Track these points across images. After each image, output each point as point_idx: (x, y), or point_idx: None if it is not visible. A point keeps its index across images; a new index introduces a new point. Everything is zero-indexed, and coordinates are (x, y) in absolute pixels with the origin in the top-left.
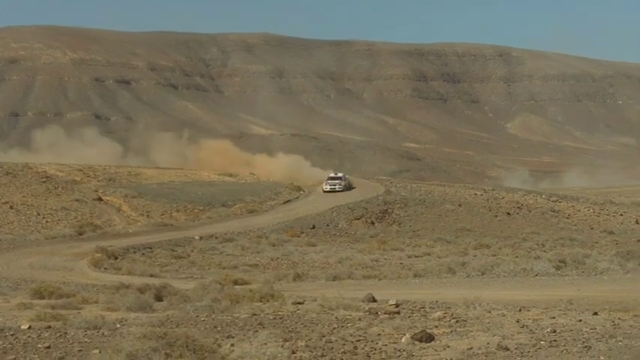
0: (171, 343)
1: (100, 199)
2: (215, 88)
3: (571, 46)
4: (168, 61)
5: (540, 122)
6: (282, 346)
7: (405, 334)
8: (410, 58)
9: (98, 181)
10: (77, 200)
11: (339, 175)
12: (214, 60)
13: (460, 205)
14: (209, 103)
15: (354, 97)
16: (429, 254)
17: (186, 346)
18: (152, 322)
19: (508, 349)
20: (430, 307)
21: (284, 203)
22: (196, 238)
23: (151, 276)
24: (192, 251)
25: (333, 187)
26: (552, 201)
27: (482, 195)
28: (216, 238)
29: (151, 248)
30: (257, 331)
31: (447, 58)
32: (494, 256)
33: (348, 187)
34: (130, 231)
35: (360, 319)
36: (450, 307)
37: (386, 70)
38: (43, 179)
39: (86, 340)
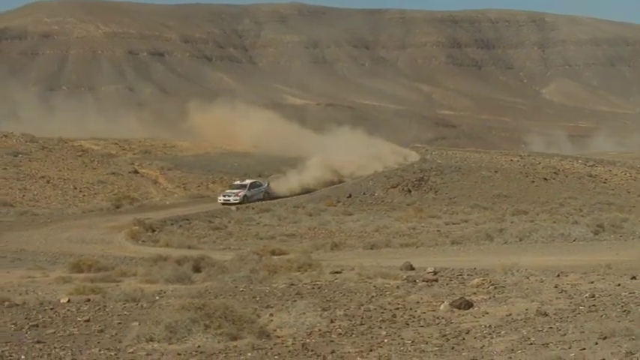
0: (209, 314)
1: (136, 171)
2: (249, 59)
3: (604, 11)
4: (201, 33)
5: (575, 87)
6: (320, 316)
7: (443, 302)
8: (443, 25)
9: (134, 154)
10: (113, 173)
11: (246, 182)
12: (247, 31)
13: (496, 172)
14: (243, 74)
15: (388, 65)
16: (466, 221)
17: (225, 317)
18: (190, 293)
19: (547, 315)
20: (468, 274)
21: None
22: (233, 209)
23: (189, 248)
24: (229, 222)
25: (227, 198)
26: (589, 165)
27: (518, 161)
28: (253, 208)
29: (188, 220)
30: (295, 300)
31: (480, 24)
32: (531, 222)
33: (262, 197)
34: (167, 203)
35: (398, 288)
36: (488, 274)
37: (419, 37)
38: (79, 153)
39: (125, 312)
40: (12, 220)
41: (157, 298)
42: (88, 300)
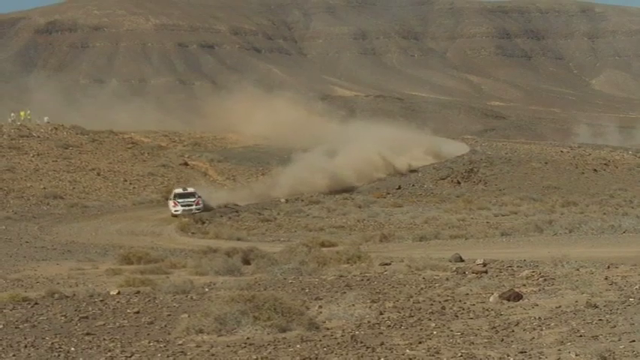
0: (259, 306)
1: (186, 164)
2: (298, 50)
3: None
4: (250, 25)
5: (625, 78)
6: (369, 307)
7: (492, 294)
8: (493, 15)
9: (184, 146)
10: (163, 166)
11: (190, 190)
12: (296, 22)
13: (546, 163)
14: (292, 65)
15: (437, 56)
16: (515, 213)
17: (274, 309)
18: (240, 285)
19: (597, 307)
20: (518, 266)
21: None
22: (282, 200)
23: (238, 240)
24: (278, 214)
25: (189, 208)
26: (639, 157)
27: (568, 152)
28: (302, 200)
29: (237, 212)
30: (345, 292)
31: (529, 15)
32: (581, 213)
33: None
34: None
35: (447, 279)
36: (537, 266)
37: (469, 28)
38: (129, 145)
39: (175, 304)
40: (62, 213)
41: (207, 290)
42: (138, 292)
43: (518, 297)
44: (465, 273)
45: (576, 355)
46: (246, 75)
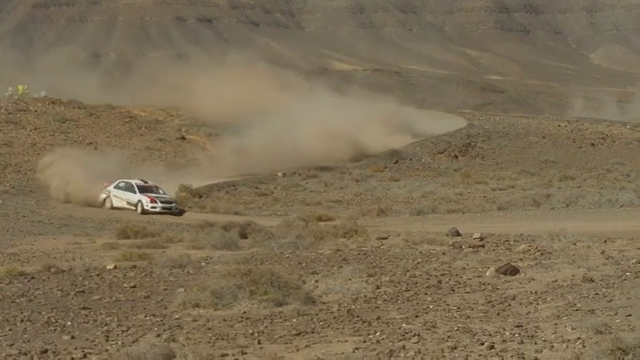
0: (255, 280)
1: (183, 138)
2: (296, 24)
3: None
4: None
5: (624, 52)
6: (366, 282)
7: (489, 268)
8: None
9: (181, 120)
10: (161, 140)
11: (150, 183)
12: None
13: (544, 137)
14: (290, 39)
15: (435, 30)
16: (513, 187)
17: (271, 283)
18: (237, 259)
19: (593, 281)
20: (515, 240)
21: None
22: (279, 175)
23: (236, 214)
24: (275, 188)
25: (168, 205)
26: (637, 131)
27: (566, 126)
28: (299, 174)
29: (234, 186)
30: (341, 266)
31: None
32: (578, 187)
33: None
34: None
35: (444, 254)
36: (534, 240)
37: (467, 2)
38: (127, 119)
39: (171, 278)
40: None
41: (203, 264)
42: (135, 266)
43: (514, 271)
44: (461, 247)
45: (572, 329)
46: (244, 49)
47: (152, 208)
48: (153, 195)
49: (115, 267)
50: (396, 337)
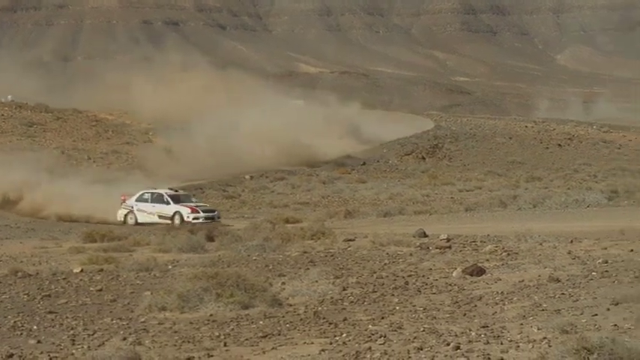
0: (222, 283)
1: (150, 141)
2: (263, 27)
3: None
4: (215, 2)
5: (590, 53)
6: (333, 283)
7: (456, 269)
8: None
9: (148, 124)
10: (127, 143)
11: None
12: None
13: (511, 138)
14: (257, 42)
15: (402, 32)
16: (480, 188)
17: (237, 286)
18: (203, 262)
19: (559, 281)
20: (481, 241)
21: None
22: (247, 177)
23: None
24: (242, 191)
25: (210, 214)
26: (603, 131)
27: (532, 127)
28: (267, 177)
29: (202, 189)
30: (308, 268)
31: None
32: (545, 188)
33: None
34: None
35: (411, 255)
36: (501, 241)
37: (434, 4)
38: (93, 123)
39: (138, 282)
40: None
41: (170, 267)
42: (101, 270)
43: (481, 272)
44: (428, 248)
45: (538, 329)
46: (211, 52)
47: (194, 219)
48: (191, 204)
49: (82, 271)
50: (362, 338)
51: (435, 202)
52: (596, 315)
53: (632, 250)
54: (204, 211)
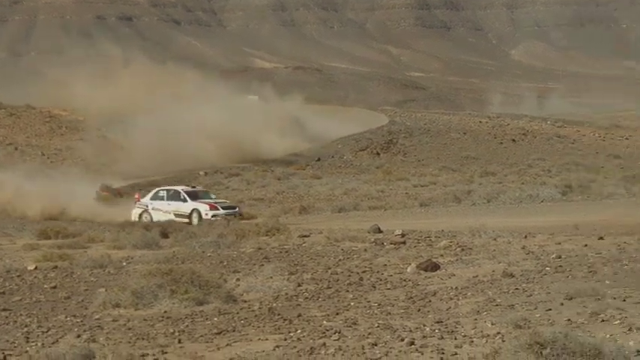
0: (176, 280)
1: (104, 137)
2: (218, 22)
3: None
4: None
5: (544, 48)
6: (287, 280)
7: (410, 264)
8: None
9: (102, 120)
10: (81, 139)
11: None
12: None
13: (465, 133)
14: (212, 38)
15: (357, 27)
16: (434, 183)
17: (192, 282)
18: (158, 259)
19: (513, 276)
20: (436, 237)
21: None
22: (201, 173)
23: None
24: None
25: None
26: (557, 126)
27: (487, 122)
28: (222, 172)
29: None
30: (263, 265)
31: None
32: (499, 183)
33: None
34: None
35: (365, 251)
36: (455, 236)
37: None
38: (47, 119)
39: (92, 279)
40: None
41: (125, 264)
42: (56, 267)
43: (435, 267)
44: (383, 244)
45: (492, 325)
46: (166, 47)
47: (213, 216)
48: (210, 201)
49: (36, 268)
50: (316, 334)
51: (389, 197)
52: (550, 310)
53: (585, 245)
54: (223, 208)
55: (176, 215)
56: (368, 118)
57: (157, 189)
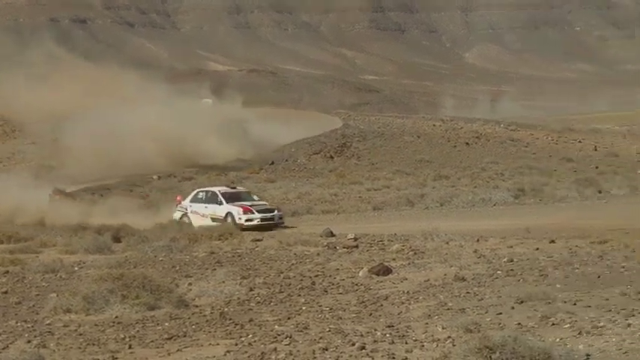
0: (127, 285)
1: (55, 140)
2: (172, 25)
3: None
4: None
5: (498, 51)
6: (239, 284)
7: (362, 268)
8: None
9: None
10: (34, 143)
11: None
12: None
13: (419, 137)
14: (166, 40)
15: (311, 30)
16: (387, 187)
17: (143, 287)
18: (110, 263)
19: (465, 280)
20: (388, 240)
21: None
22: (155, 177)
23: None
24: (150, 191)
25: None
26: (511, 129)
27: (440, 125)
28: (175, 177)
29: (108, 189)
30: (215, 269)
31: None
32: (453, 187)
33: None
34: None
35: (318, 255)
36: (408, 240)
37: (342, 2)
38: (0, 122)
39: (44, 284)
40: None
41: (76, 268)
42: (7, 272)
43: (387, 271)
44: (335, 248)
45: (443, 329)
46: (120, 50)
47: (247, 221)
48: (246, 203)
49: None
50: (268, 339)
51: (343, 201)
52: (501, 313)
53: (537, 249)
54: (259, 211)
55: (213, 219)
56: (322, 121)
57: (197, 190)
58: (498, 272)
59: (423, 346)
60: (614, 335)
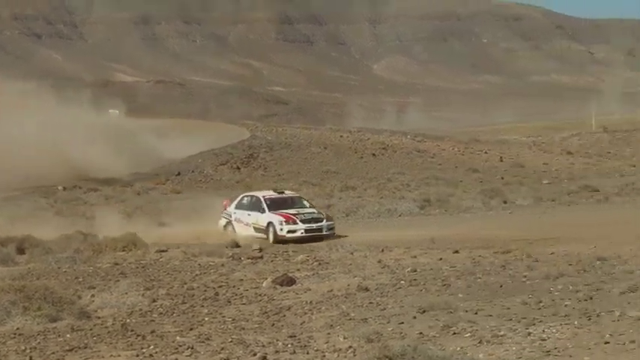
0: (29, 296)
1: None
2: (79, 36)
3: None
4: (31, 10)
5: (406, 63)
6: (142, 295)
7: (266, 279)
8: (274, 0)
9: None
10: None
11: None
12: (77, 7)
13: (326, 148)
14: (73, 51)
15: (219, 41)
16: None
17: (45, 299)
18: (13, 275)
19: (368, 290)
20: (293, 251)
21: None
22: (60, 188)
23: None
24: (55, 202)
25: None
26: (417, 141)
27: (348, 137)
28: (80, 188)
29: (15, 200)
30: (118, 280)
31: (310, 0)
32: (359, 197)
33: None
34: None
35: (222, 265)
36: (313, 250)
37: (250, 13)
38: None
39: None
40: None
41: None
42: None
43: (291, 282)
44: (240, 259)
45: (344, 339)
46: (27, 61)
47: (289, 232)
48: (290, 212)
49: None
50: (169, 350)
51: None
52: (403, 323)
53: (440, 259)
54: (303, 221)
55: (255, 229)
56: (229, 132)
57: (243, 195)
58: (402, 282)
59: (324, 356)
60: (514, 344)
